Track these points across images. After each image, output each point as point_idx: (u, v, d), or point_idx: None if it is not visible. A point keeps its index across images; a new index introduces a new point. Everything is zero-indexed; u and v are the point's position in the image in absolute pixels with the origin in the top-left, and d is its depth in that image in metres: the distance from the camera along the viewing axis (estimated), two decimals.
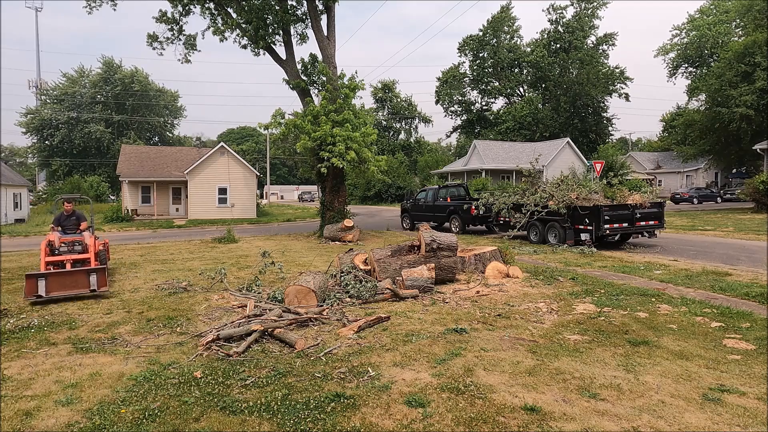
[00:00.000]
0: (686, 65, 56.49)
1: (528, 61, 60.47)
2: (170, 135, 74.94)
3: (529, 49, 61.83)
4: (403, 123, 71.54)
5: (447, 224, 20.13)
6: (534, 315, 7.05)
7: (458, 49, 64.68)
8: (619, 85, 57.20)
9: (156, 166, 36.63)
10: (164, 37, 22.40)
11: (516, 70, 63.63)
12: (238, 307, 7.74)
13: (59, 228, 10.43)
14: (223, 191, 33.70)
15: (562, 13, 60.05)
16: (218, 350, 5.61)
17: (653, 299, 7.78)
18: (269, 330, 6.13)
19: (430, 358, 5.32)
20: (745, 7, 34.78)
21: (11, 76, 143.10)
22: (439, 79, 65.74)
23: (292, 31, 21.45)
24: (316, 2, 20.58)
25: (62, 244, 9.86)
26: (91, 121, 62.62)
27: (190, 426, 3.89)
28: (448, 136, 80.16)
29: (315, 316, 6.88)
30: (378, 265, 8.98)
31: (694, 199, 40.24)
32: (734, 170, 45.67)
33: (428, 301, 7.94)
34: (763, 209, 25.57)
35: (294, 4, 21.44)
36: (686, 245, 14.74)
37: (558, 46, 59.92)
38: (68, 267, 9.41)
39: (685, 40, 55.30)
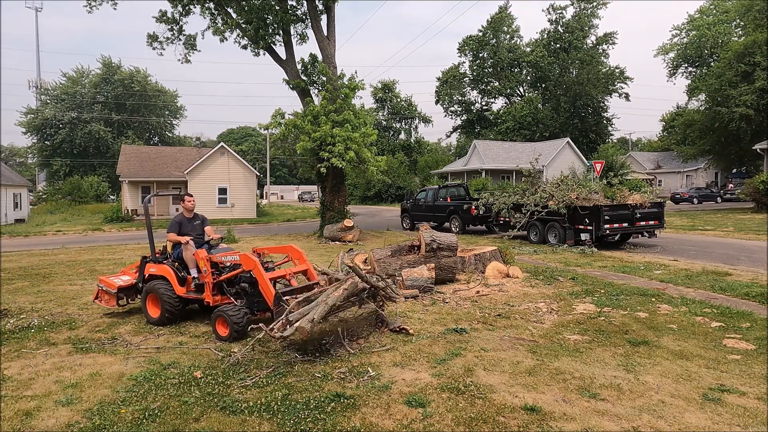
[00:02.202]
0: (686, 65, 56.47)
1: (528, 61, 60.41)
2: (170, 135, 74.91)
3: (528, 49, 61.77)
4: (403, 123, 71.49)
5: (447, 224, 20.12)
6: (534, 315, 7.05)
7: (458, 49, 64.69)
8: (619, 84, 57.18)
9: (156, 166, 36.62)
10: (164, 37, 22.40)
11: (516, 70, 63.57)
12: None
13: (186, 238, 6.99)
14: (223, 191, 33.71)
15: (561, 13, 60.03)
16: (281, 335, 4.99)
17: (653, 299, 7.78)
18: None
19: (430, 358, 5.32)
20: (745, 7, 34.76)
21: (11, 76, 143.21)
22: (439, 79, 65.72)
23: (292, 31, 21.45)
24: (316, 2, 20.57)
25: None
26: (91, 121, 62.60)
27: (190, 426, 3.89)
28: (448, 136, 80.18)
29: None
30: (378, 265, 8.97)
31: (694, 199, 40.23)
32: (734, 170, 45.64)
33: (428, 301, 7.93)
34: (763, 209, 25.57)
35: (294, 4, 21.45)
36: (686, 245, 14.73)
37: (558, 46, 59.86)
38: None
39: (685, 40, 55.29)
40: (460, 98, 65.13)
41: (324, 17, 20.61)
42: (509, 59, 62.03)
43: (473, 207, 18.89)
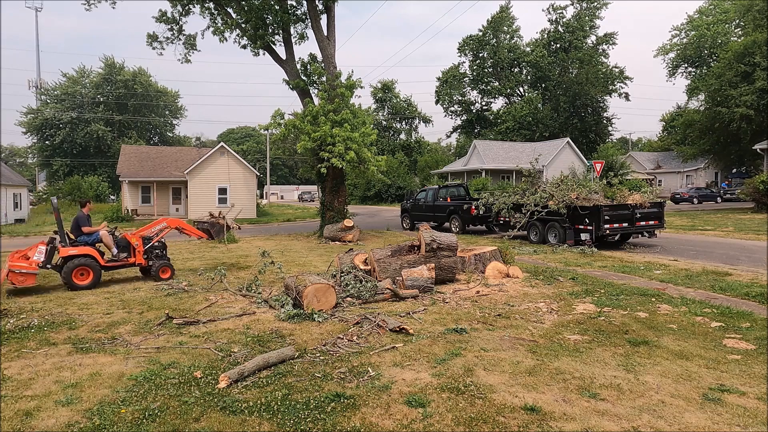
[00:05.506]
0: (686, 65, 56.48)
1: (528, 61, 60.43)
2: (170, 135, 74.92)
3: (528, 49, 61.79)
4: (403, 123, 71.50)
5: (447, 224, 20.12)
6: (534, 315, 7.05)
7: (458, 49, 64.70)
8: (618, 84, 57.20)
9: (156, 166, 36.64)
10: (164, 37, 22.40)
11: (516, 70, 63.57)
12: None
13: None
14: (223, 191, 33.70)
15: (562, 13, 60.08)
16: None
17: (653, 299, 7.78)
18: None
19: (430, 358, 5.32)
20: (744, 7, 34.75)
21: (11, 76, 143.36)
22: (439, 79, 65.74)
23: (292, 30, 21.44)
24: (316, 2, 20.56)
25: None
26: (92, 121, 62.58)
27: (190, 426, 3.89)
28: (448, 136, 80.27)
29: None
30: (378, 265, 8.97)
31: (694, 199, 40.24)
32: (734, 170, 45.61)
33: (428, 301, 7.93)
34: (763, 209, 25.57)
35: (294, 4, 21.44)
36: (686, 245, 14.73)
37: (558, 46, 59.90)
38: None
39: (685, 40, 55.30)
40: (460, 98, 65.14)
41: (324, 17, 20.60)
42: (509, 59, 62.01)
43: (473, 207, 18.89)
